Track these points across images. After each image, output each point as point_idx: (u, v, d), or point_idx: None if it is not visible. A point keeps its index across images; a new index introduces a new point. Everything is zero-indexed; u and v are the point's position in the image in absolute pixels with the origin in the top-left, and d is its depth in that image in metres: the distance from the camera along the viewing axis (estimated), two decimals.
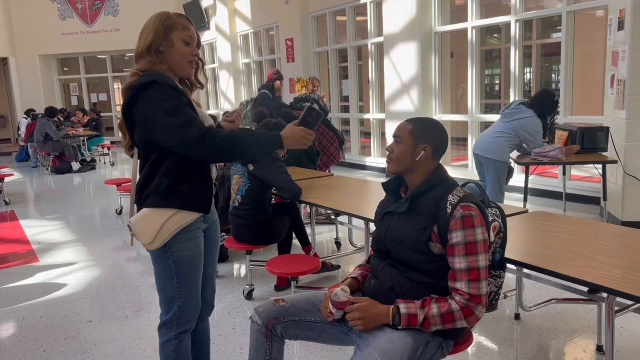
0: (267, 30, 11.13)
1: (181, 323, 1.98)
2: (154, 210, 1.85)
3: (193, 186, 1.88)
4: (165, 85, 1.79)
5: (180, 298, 1.95)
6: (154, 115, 1.76)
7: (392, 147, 1.90)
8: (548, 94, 4.45)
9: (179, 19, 1.90)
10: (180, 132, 1.73)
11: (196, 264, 1.96)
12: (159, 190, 1.84)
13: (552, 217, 2.69)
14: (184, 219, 1.87)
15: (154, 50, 1.86)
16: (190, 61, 1.91)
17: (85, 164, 10.40)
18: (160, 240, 1.85)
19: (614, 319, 1.86)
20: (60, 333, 3.15)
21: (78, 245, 5.09)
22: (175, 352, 1.98)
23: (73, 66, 15.70)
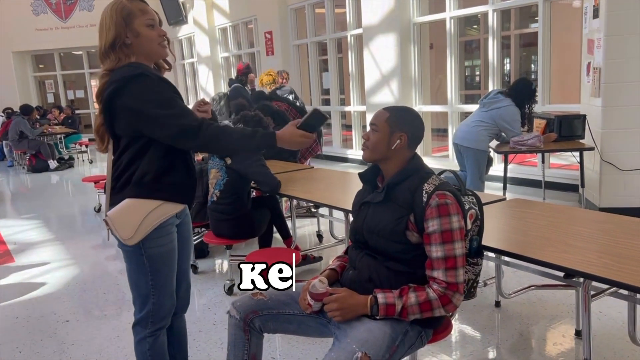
0: (246, 23, 11.02)
1: (156, 320, 1.94)
2: (138, 201, 1.80)
3: (178, 177, 1.86)
4: (154, 78, 1.78)
5: (154, 295, 1.91)
6: (146, 107, 1.73)
7: (368, 134, 1.88)
8: (526, 82, 4.48)
9: (134, 4, 1.82)
10: (177, 123, 1.73)
11: (170, 261, 1.93)
12: (143, 181, 1.80)
13: (530, 204, 2.70)
14: (167, 212, 1.85)
15: (119, 45, 1.79)
16: (160, 43, 1.86)
17: (63, 162, 10.23)
18: (141, 234, 1.80)
19: (590, 304, 1.88)
20: (36, 333, 3.09)
21: (56, 245, 5.00)
22: (151, 350, 1.95)
23: (48, 63, 15.41)
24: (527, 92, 4.36)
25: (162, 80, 1.81)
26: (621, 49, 4.42)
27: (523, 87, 4.38)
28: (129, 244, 1.82)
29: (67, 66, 15.53)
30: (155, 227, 1.83)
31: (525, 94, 4.34)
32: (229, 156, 3.28)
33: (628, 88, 4.46)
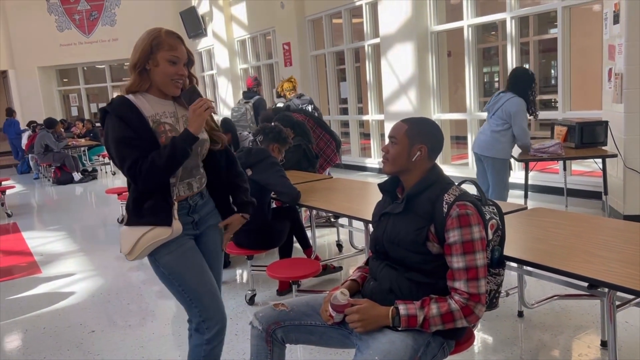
0: (264, 35, 11.15)
1: (211, 325, 2.01)
2: (128, 228, 1.95)
3: (154, 203, 1.91)
4: (113, 116, 1.88)
5: (192, 299, 1.98)
6: (106, 142, 1.91)
7: (387, 147, 1.90)
8: (521, 69, 4.35)
9: (168, 38, 1.91)
10: (119, 164, 1.88)
11: (187, 262, 1.98)
12: (129, 208, 1.95)
13: (551, 213, 2.68)
14: (158, 236, 1.91)
15: (140, 69, 1.91)
16: (174, 80, 1.93)
17: (87, 174, 10.42)
18: (137, 253, 1.93)
19: (615, 314, 1.86)
20: (63, 344, 3.15)
21: (80, 256, 5.09)
22: (205, 358, 2.03)
23: (72, 77, 15.76)
24: (525, 78, 4.18)
25: (120, 118, 1.86)
26: None
27: (520, 75, 4.22)
28: (128, 259, 1.97)
29: (90, 80, 15.87)
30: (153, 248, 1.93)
31: (525, 80, 4.17)
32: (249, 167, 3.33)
33: None
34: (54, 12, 14.55)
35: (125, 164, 1.84)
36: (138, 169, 1.82)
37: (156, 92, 1.96)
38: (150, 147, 1.86)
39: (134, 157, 1.83)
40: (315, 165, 4.81)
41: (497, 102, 4.22)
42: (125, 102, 1.91)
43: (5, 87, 15.54)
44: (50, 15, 14.54)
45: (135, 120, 1.87)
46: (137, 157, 1.83)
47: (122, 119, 1.87)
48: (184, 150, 1.86)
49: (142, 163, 1.82)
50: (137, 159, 1.83)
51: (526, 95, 4.13)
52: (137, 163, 1.82)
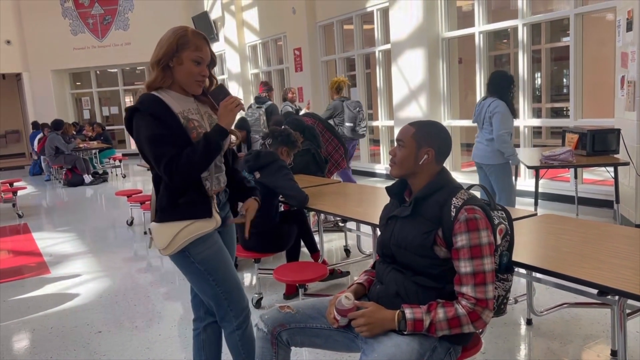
0: (275, 40, 11.20)
1: (237, 313, 2.07)
2: (163, 225, 1.95)
3: (191, 197, 1.95)
4: (145, 114, 1.88)
5: (222, 292, 2.03)
6: (137, 141, 1.92)
7: (394, 150, 1.89)
8: (499, 73, 4.33)
9: (195, 38, 1.93)
10: (155, 163, 1.88)
11: (222, 257, 2.04)
12: (162, 206, 1.95)
13: (562, 220, 2.65)
14: (200, 229, 1.96)
15: (163, 65, 1.92)
16: (197, 81, 1.97)
17: (98, 177, 10.50)
18: (174, 247, 1.94)
19: (625, 322, 1.82)
20: (70, 344, 3.16)
21: (89, 257, 5.12)
22: (242, 341, 2.10)
23: (85, 80, 15.92)
24: (504, 81, 4.15)
25: (152, 116, 1.88)
26: None
27: (499, 79, 4.19)
28: (164, 254, 1.97)
29: (102, 83, 16.01)
30: (195, 239, 1.95)
31: (503, 83, 4.14)
32: (257, 170, 3.33)
33: None
34: (68, 16, 14.73)
35: (161, 161, 1.84)
36: (175, 165, 1.83)
37: (178, 89, 1.99)
38: (183, 144, 1.89)
39: (170, 154, 1.84)
40: (324, 170, 4.81)
41: (481, 111, 4.24)
42: (155, 99, 1.92)
43: (19, 89, 15.73)
44: (64, 19, 14.72)
45: (167, 117, 1.90)
46: (173, 155, 1.85)
47: (154, 117, 1.88)
48: (217, 145, 1.90)
49: (178, 160, 1.84)
50: (173, 156, 1.84)
51: (506, 97, 4.12)
52: (173, 160, 1.83)
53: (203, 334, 2.20)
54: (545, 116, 9.71)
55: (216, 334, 2.20)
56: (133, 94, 16.69)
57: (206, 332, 2.19)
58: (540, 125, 7.59)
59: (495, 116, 4.06)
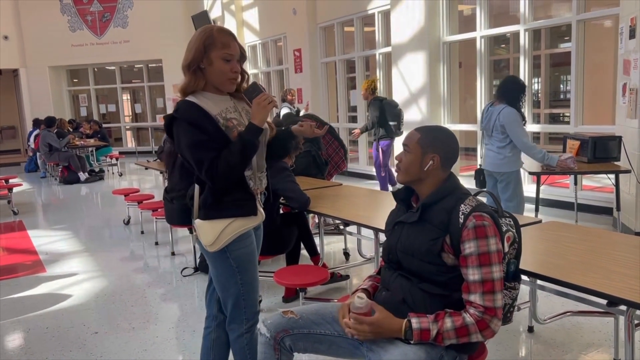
0: (275, 41, 11.17)
1: (250, 317, 2.09)
2: (208, 222, 1.99)
3: (235, 196, 1.98)
4: (182, 122, 1.91)
5: (244, 292, 2.05)
6: (179, 148, 1.95)
7: (401, 156, 1.86)
8: (511, 78, 4.24)
9: (220, 36, 1.94)
10: (196, 168, 1.91)
11: (254, 259, 2.08)
12: (206, 204, 1.98)
13: (567, 228, 2.63)
14: (243, 225, 2.00)
15: (194, 68, 1.94)
16: (230, 78, 1.98)
17: (94, 175, 10.43)
18: (220, 243, 1.97)
19: (633, 333, 1.81)
20: (66, 344, 3.12)
21: (85, 256, 5.07)
22: (249, 345, 2.09)
23: (82, 77, 15.83)
24: (516, 88, 4.04)
25: (189, 123, 1.90)
26: None
27: (511, 85, 4.07)
28: (210, 250, 1.99)
29: (100, 81, 15.92)
30: (237, 236, 1.99)
31: (515, 90, 4.03)
32: None
33: None
34: (66, 13, 14.64)
35: (203, 167, 1.88)
36: (215, 170, 1.87)
37: (212, 89, 2.00)
38: (224, 145, 1.91)
39: (209, 159, 1.87)
40: (324, 172, 4.79)
41: (490, 118, 4.09)
42: (191, 105, 1.93)
43: (16, 85, 15.62)
44: (63, 15, 14.63)
45: (205, 122, 1.91)
46: (213, 158, 1.88)
47: (191, 124, 1.90)
48: (252, 143, 1.92)
49: (218, 164, 1.87)
50: (213, 159, 1.87)
51: (517, 104, 4.00)
52: (213, 165, 1.87)
53: (214, 333, 2.19)
54: (544, 122, 9.72)
55: (227, 334, 2.18)
56: (130, 92, 16.63)
57: (218, 331, 2.19)
58: (539, 131, 7.59)
59: (509, 126, 3.93)
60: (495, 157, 4.13)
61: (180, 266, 4.51)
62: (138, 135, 16.09)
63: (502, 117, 3.97)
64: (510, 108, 3.96)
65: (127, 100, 16.54)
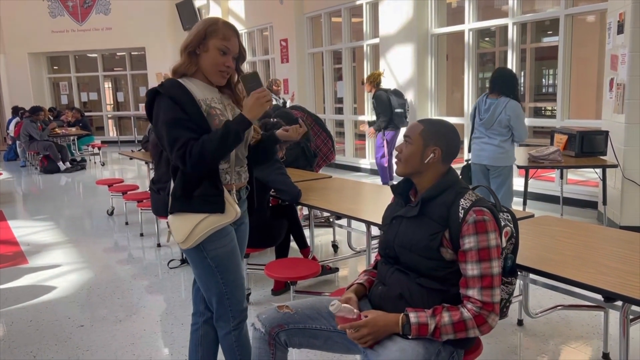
0: (261, 30, 11.05)
1: (236, 314, 2.04)
2: (179, 217, 1.93)
3: (204, 190, 1.91)
4: (164, 97, 1.85)
5: (227, 292, 2.00)
6: (155, 124, 1.88)
7: (401, 147, 1.84)
8: (507, 71, 4.20)
9: (224, 28, 1.92)
10: (168, 147, 1.83)
11: (234, 258, 2.01)
12: (176, 195, 1.93)
13: (560, 222, 2.64)
14: (217, 222, 1.92)
15: (189, 51, 1.91)
16: (221, 71, 1.94)
17: (75, 164, 10.24)
18: (193, 240, 1.91)
19: (628, 328, 1.81)
20: (50, 338, 3.05)
21: (68, 247, 4.97)
22: (237, 342, 2.06)
23: (63, 65, 15.51)
24: (512, 79, 4.02)
25: (172, 100, 1.84)
26: None
27: (508, 77, 4.03)
28: (183, 247, 1.94)
29: (81, 68, 15.62)
30: (211, 233, 1.91)
31: (512, 81, 4.00)
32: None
33: None
34: None
35: (175, 145, 1.80)
36: (188, 151, 1.79)
37: (202, 77, 1.96)
38: (201, 130, 1.84)
39: (184, 138, 1.81)
40: (313, 164, 4.75)
41: (494, 111, 3.98)
42: (176, 84, 1.89)
43: None
44: (43, 0, 14.28)
45: (187, 102, 1.86)
46: (188, 139, 1.80)
47: (174, 100, 1.84)
48: (237, 135, 1.84)
49: (193, 145, 1.79)
50: (188, 140, 1.80)
51: (517, 96, 3.98)
52: (187, 145, 1.79)
53: (202, 329, 2.15)
54: (529, 116, 9.80)
55: (215, 329, 2.14)
56: (112, 80, 16.35)
57: (205, 327, 2.14)
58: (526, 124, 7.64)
59: (516, 120, 3.90)
60: (495, 150, 4.04)
61: (166, 258, 4.45)
62: (120, 124, 15.83)
63: (509, 110, 3.89)
64: (515, 101, 3.92)
65: (109, 88, 16.24)
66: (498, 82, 4.01)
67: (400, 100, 6.43)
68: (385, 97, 6.35)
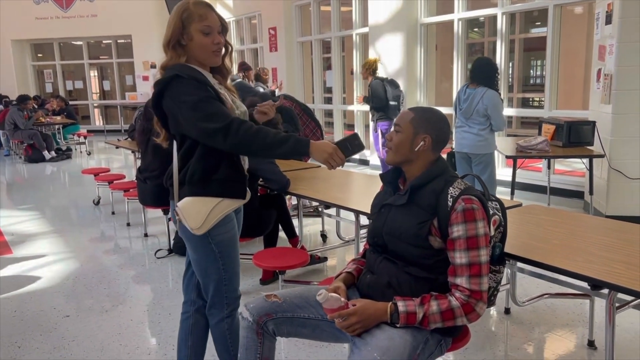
0: (250, 19, 10.94)
1: (230, 301, 2.04)
2: (197, 201, 1.89)
3: (225, 174, 1.90)
4: (187, 78, 1.81)
5: (226, 278, 2.00)
6: (179, 109, 1.80)
7: (391, 135, 1.82)
8: (485, 60, 4.26)
9: (197, 8, 1.86)
10: (202, 126, 1.77)
11: (236, 245, 2.02)
12: (193, 179, 1.88)
13: (547, 211, 2.65)
14: (229, 206, 1.92)
15: (174, 44, 1.88)
16: (214, 51, 1.90)
17: (61, 153, 10.11)
18: (208, 226, 1.89)
19: (614, 316, 1.83)
20: (35, 328, 3.02)
21: (53, 237, 4.91)
22: (229, 330, 2.05)
23: (47, 52, 15.23)
24: (491, 69, 4.11)
25: (195, 80, 1.81)
26: (634, 55, 4.39)
27: (486, 66, 4.11)
28: (197, 233, 1.89)
29: (66, 56, 15.36)
30: (221, 218, 1.91)
31: (491, 72, 4.08)
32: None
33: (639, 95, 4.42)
34: None
35: (214, 119, 1.75)
36: (235, 128, 1.75)
37: (196, 64, 1.92)
38: None
39: (226, 114, 1.78)
40: None
41: (472, 101, 4.06)
42: (190, 67, 1.86)
43: None
44: None
45: (209, 84, 1.84)
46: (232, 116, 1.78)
47: (198, 81, 1.81)
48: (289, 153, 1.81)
49: (243, 126, 1.76)
50: (233, 118, 1.78)
51: (495, 85, 4.06)
52: (233, 122, 1.76)
53: (192, 318, 2.13)
54: (516, 106, 9.84)
55: (206, 318, 2.13)
56: (98, 69, 16.11)
57: (196, 316, 2.13)
58: (514, 114, 7.69)
59: (493, 109, 4.00)
60: (474, 139, 4.16)
61: (153, 248, 4.42)
62: (106, 113, 15.63)
63: (487, 100, 4.00)
64: (492, 91, 4.01)
65: (95, 77, 16.00)
66: (477, 72, 4.11)
67: (395, 91, 6.27)
68: (381, 88, 6.12)
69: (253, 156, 1.91)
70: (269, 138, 1.77)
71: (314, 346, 2.68)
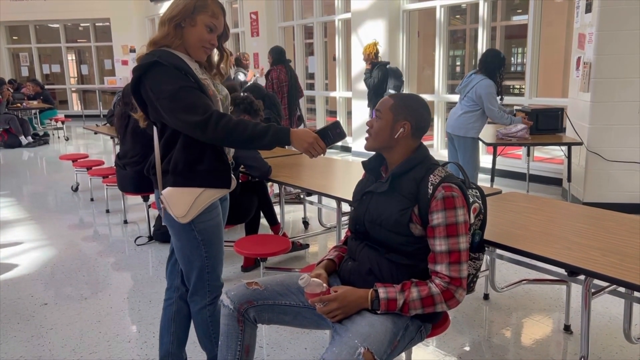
0: (231, 2, 10.78)
1: (213, 289, 2.03)
2: (181, 190, 1.87)
3: (209, 165, 1.88)
4: (168, 66, 1.77)
5: (208, 265, 1.99)
6: (158, 97, 1.77)
7: (372, 121, 1.82)
8: (493, 51, 4.37)
9: (214, 5, 1.87)
10: (180, 117, 1.74)
11: (220, 232, 2.00)
12: (177, 170, 1.86)
13: (527, 198, 2.68)
14: (213, 195, 1.91)
15: (175, 23, 1.85)
16: (205, 47, 1.89)
17: (38, 139, 9.91)
18: (192, 214, 1.87)
19: (590, 301, 1.87)
20: (12, 316, 2.97)
21: (31, 224, 4.83)
22: (211, 317, 2.05)
23: (23, 35, 14.86)
24: (496, 61, 4.25)
25: (176, 68, 1.77)
26: (612, 44, 4.43)
27: (492, 57, 4.27)
28: (182, 221, 1.88)
29: (42, 39, 15.00)
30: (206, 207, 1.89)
31: (495, 63, 4.23)
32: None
33: (618, 84, 4.48)
34: None
35: (193, 110, 1.72)
36: (214, 120, 1.72)
37: (183, 50, 1.89)
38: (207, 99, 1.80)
39: (206, 105, 1.74)
40: None
41: (468, 84, 4.30)
42: (171, 54, 1.82)
43: None
44: None
45: (189, 71, 1.80)
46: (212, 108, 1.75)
47: (178, 69, 1.78)
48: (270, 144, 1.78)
49: (223, 118, 1.73)
50: (213, 110, 1.74)
51: (494, 77, 4.21)
52: (212, 114, 1.73)
53: (175, 305, 2.13)
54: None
55: (189, 305, 2.12)
56: (76, 52, 15.78)
57: (179, 302, 2.12)
58: None
59: (484, 97, 4.16)
60: (456, 120, 4.33)
61: (133, 235, 4.37)
62: (84, 98, 15.35)
63: (479, 87, 4.17)
64: (488, 80, 4.17)
65: (73, 60, 15.68)
66: (482, 61, 4.30)
67: (396, 82, 6.13)
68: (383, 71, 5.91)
69: (234, 147, 1.88)
70: (248, 131, 1.75)
71: (295, 333, 2.69)
